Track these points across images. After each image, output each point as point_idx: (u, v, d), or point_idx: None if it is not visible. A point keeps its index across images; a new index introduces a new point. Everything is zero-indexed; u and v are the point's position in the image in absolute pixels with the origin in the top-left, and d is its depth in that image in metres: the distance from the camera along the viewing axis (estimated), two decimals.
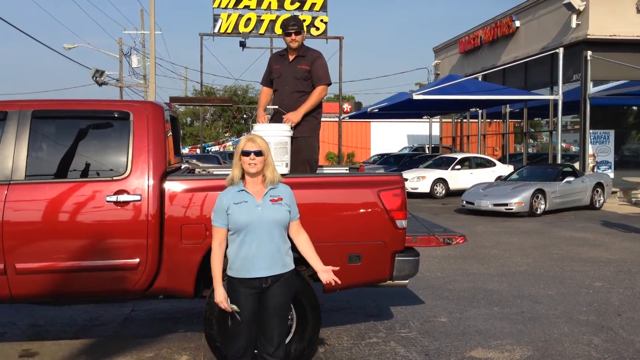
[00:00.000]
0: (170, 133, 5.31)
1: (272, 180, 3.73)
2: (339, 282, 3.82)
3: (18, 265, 4.53)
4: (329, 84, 5.74)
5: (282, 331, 3.80)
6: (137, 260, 4.62)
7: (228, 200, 3.68)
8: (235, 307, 3.66)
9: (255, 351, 3.84)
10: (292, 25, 5.60)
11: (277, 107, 5.52)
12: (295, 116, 5.39)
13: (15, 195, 4.58)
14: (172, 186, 4.72)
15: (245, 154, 3.66)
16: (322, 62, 5.68)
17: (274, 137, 4.95)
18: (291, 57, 5.68)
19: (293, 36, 5.58)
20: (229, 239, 3.74)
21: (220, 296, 3.68)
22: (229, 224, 3.68)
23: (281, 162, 4.98)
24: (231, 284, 3.73)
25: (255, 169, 3.67)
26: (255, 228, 3.63)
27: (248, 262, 3.65)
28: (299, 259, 4.92)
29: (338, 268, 3.92)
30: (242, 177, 3.75)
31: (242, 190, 3.70)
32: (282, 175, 4.80)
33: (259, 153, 3.66)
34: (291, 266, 3.80)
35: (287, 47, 5.72)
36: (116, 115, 4.88)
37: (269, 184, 3.73)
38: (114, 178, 4.69)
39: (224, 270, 3.77)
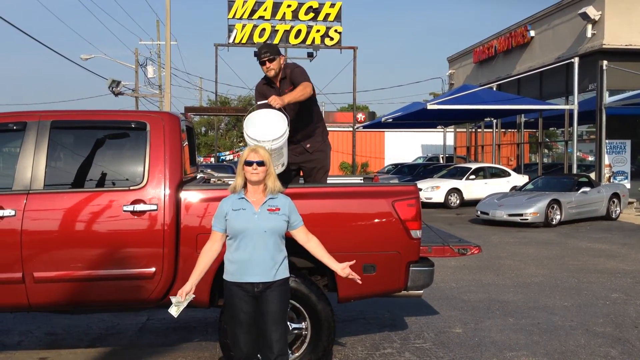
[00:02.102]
0: (186, 143, 5.36)
1: (272, 189, 3.88)
2: (359, 277, 3.98)
3: (36, 274, 4.58)
4: (309, 82, 5.36)
5: (281, 338, 3.87)
6: (153, 269, 4.66)
7: (228, 207, 3.86)
8: (180, 300, 3.76)
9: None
10: (265, 53, 5.30)
11: (266, 101, 5.05)
12: (278, 100, 4.93)
13: (33, 204, 4.64)
14: (188, 196, 4.76)
15: (248, 163, 3.82)
16: (297, 71, 5.46)
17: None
18: (278, 83, 5.46)
19: (267, 64, 5.32)
20: (227, 244, 3.90)
21: (186, 288, 3.79)
22: (227, 229, 3.86)
23: (276, 166, 4.90)
24: (227, 287, 3.89)
25: (258, 178, 3.83)
26: (250, 235, 3.79)
27: (242, 267, 3.81)
28: (313, 269, 4.97)
29: (354, 261, 4.05)
30: (245, 186, 3.90)
31: (242, 198, 3.87)
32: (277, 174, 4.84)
33: (261, 163, 3.83)
34: (284, 275, 3.89)
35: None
36: (133, 126, 4.94)
37: (269, 193, 3.88)
38: (131, 188, 4.74)
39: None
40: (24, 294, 4.62)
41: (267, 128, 4.64)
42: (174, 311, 3.80)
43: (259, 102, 5.27)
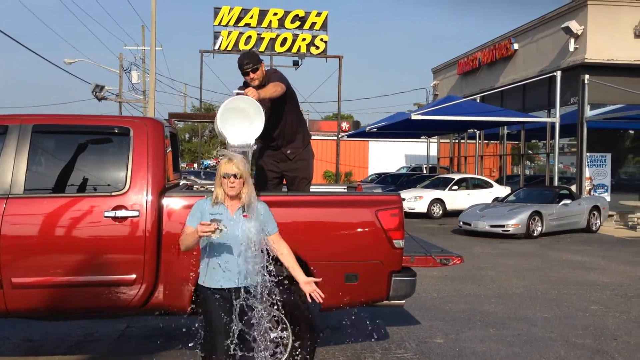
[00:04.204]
0: (170, 149, 5.33)
1: (248, 197, 3.91)
2: (322, 295, 3.97)
3: (14, 279, 4.52)
4: (280, 82, 5.30)
5: (251, 343, 3.91)
6: (134, 276, 4.62)
7: (204, 209, 3.91)
8: (217, 225, 3.65)
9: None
10: (247, 65, 5.23)
11: (242, 91, 4.91)
12: (255, 93, 4.83)
13: (13, 209, 4.58)
14: (171, 202, 4.73)
15: (226, 176, 3.86)
16: (275, 75, 5.38)
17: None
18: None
19: (251, 75, 5.26)
20: (201, 249, 3.94)
21: (199, 225, 3.68)
22: None
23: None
24: (201, 293, 3.93)
25: (234, 192, 3.88)
26: (225, 240, 3.81)
27: (215, 272, 3.85)
28: None
29: (320, 280, 4.05)
30: None
31: (219, 202, 3.91)
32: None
33: (237, 176, 3.86)
34: (257, 281, 3.92)
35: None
36: (116, 131, 4.91)
37: (244, 201, 3.91)
38: (113, 193, 4.70)
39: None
40: (1, 299, 4.54)
41: (245, 129, 4.62)
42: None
43: (234, 91, 5.19)
